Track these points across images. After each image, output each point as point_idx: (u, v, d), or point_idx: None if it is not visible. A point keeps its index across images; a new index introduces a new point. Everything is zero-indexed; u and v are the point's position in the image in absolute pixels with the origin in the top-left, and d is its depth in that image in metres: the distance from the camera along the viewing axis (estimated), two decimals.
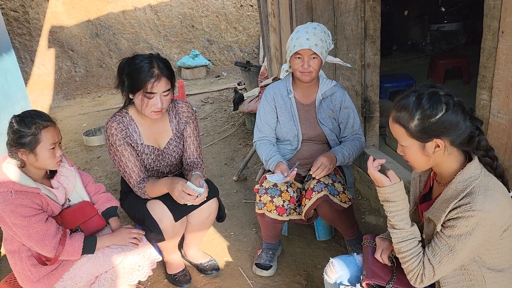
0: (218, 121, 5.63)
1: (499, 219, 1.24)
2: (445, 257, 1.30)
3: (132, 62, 2.00)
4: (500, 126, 1.76)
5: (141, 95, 2.00)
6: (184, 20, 9.41)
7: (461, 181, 1.32)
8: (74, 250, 1.84)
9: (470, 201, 1.26)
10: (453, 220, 1.28)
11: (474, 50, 5.75)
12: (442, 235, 1.32)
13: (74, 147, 5.16)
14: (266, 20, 5.42)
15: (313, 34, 2.14)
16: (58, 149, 1.87)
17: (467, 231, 1.25)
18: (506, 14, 1.64)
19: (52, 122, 1.86)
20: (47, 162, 1.85)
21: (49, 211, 1.89)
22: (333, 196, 2.21)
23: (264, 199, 2.27)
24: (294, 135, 2.42)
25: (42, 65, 8.40)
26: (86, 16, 8.71)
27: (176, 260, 2.45)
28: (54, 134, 1.85)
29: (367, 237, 1.77)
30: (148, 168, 2.25)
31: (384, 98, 4.04)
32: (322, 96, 2.38)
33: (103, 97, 7.94)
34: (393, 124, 1.38)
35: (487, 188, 1.28)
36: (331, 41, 2.27)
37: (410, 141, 1.35)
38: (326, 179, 2.25)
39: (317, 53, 2.15)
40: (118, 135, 2.10)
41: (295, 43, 2.17)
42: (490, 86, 1.77)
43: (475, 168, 1.33)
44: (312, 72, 2.22)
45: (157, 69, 1.97)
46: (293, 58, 2.22)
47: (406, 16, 6.94)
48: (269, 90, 2.45)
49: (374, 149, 3.09)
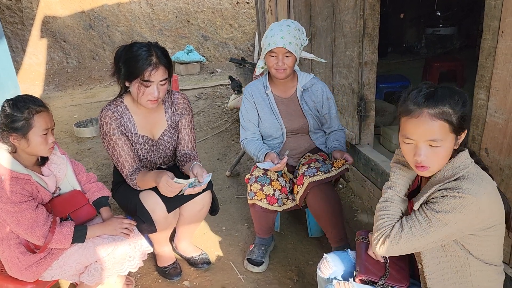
0: (211, 117, 5.61)
1: (486, 206, 1.22)
2: (418, 227, 1.28)
3: (130, 50, 1.97)
4: (496, 126, 1.76)
5: (138, 83, 1.97)
6: (179, 15, 9.36)
7: (450, 169, 1.31)
8: (64, 238, 1.81)
9: (457, 185, 1.24)
10: (438, 198, 1.26)
11: (468, 54, 5.84)
12: (423, 209, 1.30)
13: (65, 138, 5.10)
14: (263, 16, 5.41)
15: (287, 32, 2.16)
16: (51, 135, 1.84)
17: (448, 209, 1.22)
18: (507, 14, 1.64)
19: (45, 107, 1.82)
20: (39, 148, 1.81)
21: (39, 198, 1.85)
22: (328, 172, 2.24)
23: (254, 187, 2.28)
24: (277, 129, 2.43)
25: (33, 55, 8.30)
26: (80, 7, 8.61)
27: (167, 253, 2.43)
28: (47, 120, 1.81)
29: (360, 233, 1.76)
30: (142, 159, 2.22)
31: (379, 99, 4.05)
32: (302, 88, 2.42)
33: (95, 89, 7.86)
34: (434, 122, 1.26)
35: (477, 176, 1.26)
36: (305, 38, 2.30)
37: (450, 137, 1.28)
38: (316, 164, 2.27)
39: (291, 51, 2.17)
40: (113, 123, 2.07)
41: (269, 41, 2.18)
42: (488, 85, 1.77)
43: (466, 157, 1.32)
44: (286, 69, 2.25)
45: (155, 57, 1.95)
46: (267, 56, 2.24)
47: (402, 18, 6.98)
48: (247, 89, 2.49)
49: (368, 148, 3.09)
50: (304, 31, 2.30)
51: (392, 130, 3.16)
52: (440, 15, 6.63)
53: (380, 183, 2.81)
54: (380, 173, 2.77)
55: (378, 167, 2.79)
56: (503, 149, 1.75)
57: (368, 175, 2.99)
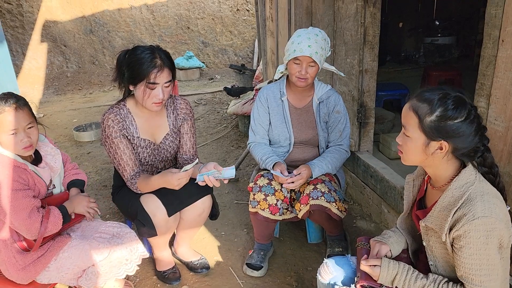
0: (210, 123, 5.62)
1: (502, 219, 1.26)
2: (483, 275, 1.28)
3: (133, 53, 1.99)
4: (496, 134, 1.78)
5: (143, 85, 1.98)
6: (179, 21, 9.40)
7: (457, 187, 1.33)
8: (56, 220, 1.83)
9: (470, 209, 1.26)
10: (464, 239, 1.27)
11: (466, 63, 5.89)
12: (462, 259, 1.30)
13: (64, 142, 5.10)
14: (264, 23, 5.44)
15: (315, 41, 2.13)
16: (22, 134, 1.75)
17: (482, 241, 1.25)
18: (507, 24, 1.66)
19: (14, 106, 1.72)
20: (12, 148, 1.77)
21: (36, 190, 1.85)
22: (330, 203, 2.20)
23: (258, 197, 2.27)
24: (286, 138, 2.41)
25: (33, 59, 8.31)
26: (81, 12, 8.64)
27: (166, 257, 2.42)
28: (13, 119, 1.71)
29: (361, 239, 1.76)
30: (143, 162, 2.23)
31: (378, 106, 4.07)
32: (318, 100, 2.39)
33: (95, 94, 7.87)
34: (408, 112, 1.36)
35: (483, 193, 1.29)
36: (329, 48, 2.27)
37: (417, 134, 1.34)
38: (323, 187, 2.24)
39: (316, 61, 2.14)
40: (115, 127, 2.08)
41: (295, 47, 2.14)
42: (488, 93, 1.80)
43: (470, 174, 1.34)
44: (308, 79, 2.21)
45: (159, 60, 1.96)
46: (291, 62, 2.20)
47: (401, 28, 7.04)
48: (263, 92, 2.45)
49: (367, 154, 3.10)
50: (329, 42, 2.25)
51: (391, 137, 3.18)
52: (438, 24, 6.70)
53: (379, 190, 2.82)
54: (379, 180, 2.79)
55: (377, 174, 2.81)
56: (503, 157, 1.77)
57: (367, 182, 3.00)
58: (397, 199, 2.57)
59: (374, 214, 2.96)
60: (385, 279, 1.47)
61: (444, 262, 1.43)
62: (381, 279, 1.48)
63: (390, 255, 1.61)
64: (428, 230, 1.43)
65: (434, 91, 1.33)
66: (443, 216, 1.34)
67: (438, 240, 1.39)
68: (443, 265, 1.43)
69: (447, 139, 1.30)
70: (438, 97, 1.30)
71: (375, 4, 2.71)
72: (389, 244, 1.63)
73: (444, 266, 1.43)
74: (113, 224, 2.07)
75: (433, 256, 1.45)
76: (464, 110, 1.28)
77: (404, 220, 1.69)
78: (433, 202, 1.43)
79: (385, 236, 1.67)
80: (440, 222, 1.35)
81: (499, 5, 1.69)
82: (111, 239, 1.95)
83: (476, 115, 1.30)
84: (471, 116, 1.28)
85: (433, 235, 1.41)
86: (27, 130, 1.79)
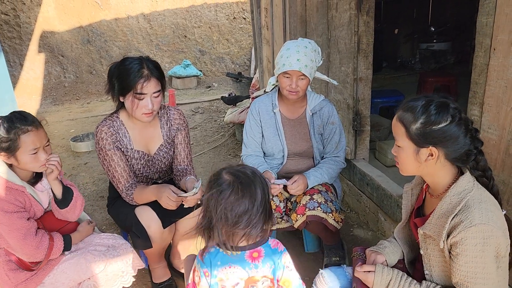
0: (208, 131, 5.62)
1: (500, 227, 1.26)
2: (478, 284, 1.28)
3: (122, 64, 2.00)
4: (490, 142, 1.78)
5: (131, 96, 1.99)
6: (176, 30, 9.43)
7: (455, 194, 1.33)
8: (57, 248, 1.85)
9: (468, 216, 1.26)
10: (460, 246, 1.27)
11: (462, 69, 5.91)
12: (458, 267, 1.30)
13: (61, 152, 5.09)
14: (259, 32, 5.46)
15: (304, 54, 2.11)
16: (43, 152, 1.80)
17: (479, 248, 1.25)
18: (498, 32, 1.67)
19: (34, 126, 1.78)
20: (29, 166, 1.80)
21: (31, 212, 1.85)
22: (326, 214, 2.19)
23: None
24: (279, 150, 2.40)
25: (31, 69, 8.32)
26: (78, 22, 8.67)
27: (162, 269, 2.40)
28: (36, 139, 1.77)
29: (357, 249, 1.76)
30: (137, 174, 2.22)
31: (374, 113, 4.07)
32: (311, 112, 2.38)
33: (92, 103, 7.87)
34: (396, 122, 1.39)
35: (481, 200, 1.30)
36: (320, 59, 2.25)
37: (406, 143, 1.36)
38: (319, 197, 2.23)
39: (305, 74, 2.13)
40: (108, 139, 2.07)
41: (284, 61, 2.13)
42: (481, 102, 1.80)
43: (468, 181, 1.34)
44: (299, 92, 2.20)
45: (146, 70, 1.97)
46: (281, 76, 2.19)
47: (396, 34, 7.07)
48: (255, 105, 2.44)
49: (364, 162, 3.10)
50: (320, 52, 2.24)
51: (387, 144, 3.18)
52: (434, 30, 6.72)
53: (375, 198, 2.81)
54: (376, 188, 2.78)
55: (374, 182, 2.80)
56: (497, 165, 1.76)
57: (363, 190, 3.00)
58: (394, 207, 2.57)
59: (371, 222, 2.95)
60: (379, 285, 1.46)
61: (441, 271, 1.42)
62: (376, 286, 1.47)
63: (386, 265, 1.61)
64: (426, 238, 1.43)
65: (418, 100, 1.35)
66: (441, 223, 1.34)
67: (436, 248, 1.39)
68: (439, 274, 1.43)
69: (435, 145, 1.31)
70: (421, 104, 1.32)
71: (368, 13, 2.72)
72: (384, 254, 1.62)
73: (440, 275, 1.43)
74: (108, 236, 2.07)
75: (430, 265, 1.45)
76: (447, 114, 1.29)
77: (402, 229, 1.68)
78: (431, 210, 1.43)
79: (381, 246, 1.67)
80: (438, 229, 1.35)
81: (490, 13, 1.70)
82: (106, 251, 1.95)
83: (463, 118, 1.31)
84: (456, 118, 1.29)
85: (431, 243, 1.41)
86: (45, 148, 1.82)
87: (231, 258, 1.35)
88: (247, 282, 1.35)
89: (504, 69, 1.67)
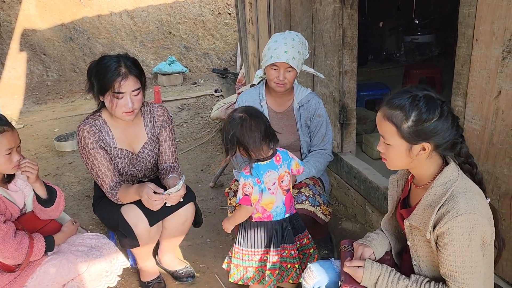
0: (194, 128, 5.58)
1: (485, 215, 1.27)
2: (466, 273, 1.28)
3: (99, 63, 1.96)
4: (474, 132, 1.79)
5: (110, 95, 1.95)
6: (161, 26, 9.34)
7: (440, 185, 1.34)
8: (38, 249, 1.81)
9: (454, 205, 1.27)
10: (447, 236, 1.28)
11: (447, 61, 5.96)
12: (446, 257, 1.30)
13: (45, 152, 5.01)
14: (244, 27, 5.43)
15: (291, 46, 2.11)
16: (15, 153, 1.78)
17: (466, 237, 1.25)
18: (480, 22, 1.68)
19: (8, 126, 1.76)
20: (3, 168, 1.77)
21: (7, 214, 1.81)
22: (314, 207, 2.18)
23: (234, 201, 2.25)
24: None
25: (12, 68, 8.15)
26: (60, 19, 8.52)
27: (151, 267, 2.38)
28: (11, 139, 1.74)
29: (345, 242, 1.76)
30: (122, 173, 2.19)
31: (360, 107, 4.09)
32: (298, 105, 2.37)
33: (76, 102, 7.76)
34: (384, 121, 1.35)
35: (466, 190, 1.30)
36: (307, 51, 2.25)
37: (398, 141, 1.34)
38: (307, 191, 2.23)
39: (293, 66, 2.13)
40: (91, 138, 2.04)
41: (272, 53, 2.13)
42: (465, 92, 1.81)
43: (453, 171, 1.35)
44: (286, 84, 2.19)
45: (124, 68, 1.93)
46: (268, 68, 2.18)
47: (381, 27, 7.10)
48: (242, 98, 2.43)
49: (350, 155, 3.11)
50: (307, 44, 2.24)
51: (373, 137, 3.19)
52: (418, 23, 6.77)
53: (363, 191, 2.82)
54: (363, 181, 2.79)
55: (361, 175, 2.81)
56: (481, 155, 1.78)
57: (351, 183, 3.01)
58: (381, 200, 2.58)
59: (359, 215, 2.96)
60: (368, 280, 1.46)
61: (428, 262, 1.43)
62: (364, 281, 1.47)
63: (373, 257, 1.61)
64: (413, 229, 1.43)
65: (402, 95, 1.33)
66: (427, 213, 1.34)
67: (422, 238, 1.39)
68: (427, 265, 1.43)
69: (428, 139, 1.31)
70: (408, 101, 1.30)
71: (352, 6, 2.72)
72: (372, 246, 1.62)
73: (428, 266, 1.43)
74: (91, 235, 2.04)
75: (417, 256, 1.45)
76: (437, 109, 1.29)
77: (389, 220, 1.69)
78: (417, 201, 1.43)
79: (368, 238, 1.67)
80: (424, 220, 1.35)
81: (472, 4, 1.70)
82: (89, 251, 1.92)
83: (449, 109, 1.31)
84: (445, 112, 1.29)
85: (418, 234, 1.41)
86: (17, 150, 1.80)
87: (267, 165, 1.88)
88: (278, 179, 1.92)
89: (486, 60, 1.67)
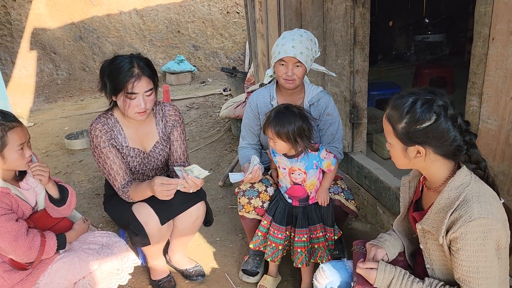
0: (203, 127, 5.59)
1: (499, 220, 1.24)
2: (481, 278, 1.27)
3: (113, 63, 1.96)
4: (489, 132, 1.77)
5: (123, 96, 1.95)
6: (170, 25, 9.37)
7: (453, 189, 1.32)
8: (50, 247, 1.81)
9: (467, 210, 1.25)
10: (461, 241, 1.26)
11: (457, 60, 5.90)
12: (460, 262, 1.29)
13: (55, 150, 5.04)
14: (254, 26, 5.42)
15: (299, 42, 2.11)
16: (27, 149, 1.79)
17: (480, 242, 1.24)
18: (497, 21, 1.65)
19: (18, 122, 1.77)
20: (16, 164, 1.77)
21: (19, 212, 1.82)
22: (348, 201, 2.25)
23: (243, 201, 2.27)
24: None
25: (23, 67, 8.23)
26: (70, 18, 8.58)
27: (161, 266, 2.39)
28: (21, 135, 1.75)
29: (357, 243, 1.74)
30: (134, 171, 2.19)
31: (371, 106, 4.06)
32: (309, 103, 2.36)
33: (86, 100, 7.81)
34: (384, 120, 1.39)
35: (479, 193, 1.28)
36: (317, 49, 2.24)
37: (395, 141, 1.36)
38: (342, 183, 2.31)
39: (301, 62, 2.12)
40: (103, 137, 2.04)
41: (280, 49, 2.13)
42: (480, 92, 1.78)
43: (465, 174, 1.33)
44: (295, 80, 2.18)
45: (137, 68, 1.92)
46: (277, 64, 2.18)
47: (391, 26, 7.05)
48: (253, 97, 2.43)
49: (361, 155, 3.09)
50: (316, 42, 2.23)
51: (384, 137, 3.15)
52: (428, 22, 6.71)
53: (373, 191, 2.80)
54: (374, 181, 2.77)
55: (372, 175, 2.79)
56: (497, 155, 1.75)
57: (361, 183, 2.99)
58: (392, 200, 2.56)
59: (369, 215, 2.94)
60: (381, 283, 1.45)
61: (442, 265, 1.41)
62: (377, 283, 1.46)
63: (386, 259, 1.59)
64: (425, 233, 1.41)
65: (405, 98, 1.32)
66: (439, 218, 1.32)
67: (435, 242, 1.38)
68: (441, 268, 1.42)
69: (422, 143, 1.30)
70: (407, 103, 1.30)
71: (364, 4, 2.70)
72: (385, 247, 1.61)
73: (441, 269, 1.42)
74: (102, 233, 2.04)
75: (430, 259, 1.43)
76: (430, 113, 1.26)
77: (401, 222, 1.67)
78: (429, 204, 1.42)
79: (381, 239, 1.65)
80: (437, 224, 1.33)
81: (488, 3, 1.68)
82: (101, 249, 1.92)
83: (450, 115, 1.28)
84: (441, 117, 1.27)
85: (430, 238, 1.40)
86: (28, 145, 1.81)
87: None
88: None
89: (503, 59, 1.65)
